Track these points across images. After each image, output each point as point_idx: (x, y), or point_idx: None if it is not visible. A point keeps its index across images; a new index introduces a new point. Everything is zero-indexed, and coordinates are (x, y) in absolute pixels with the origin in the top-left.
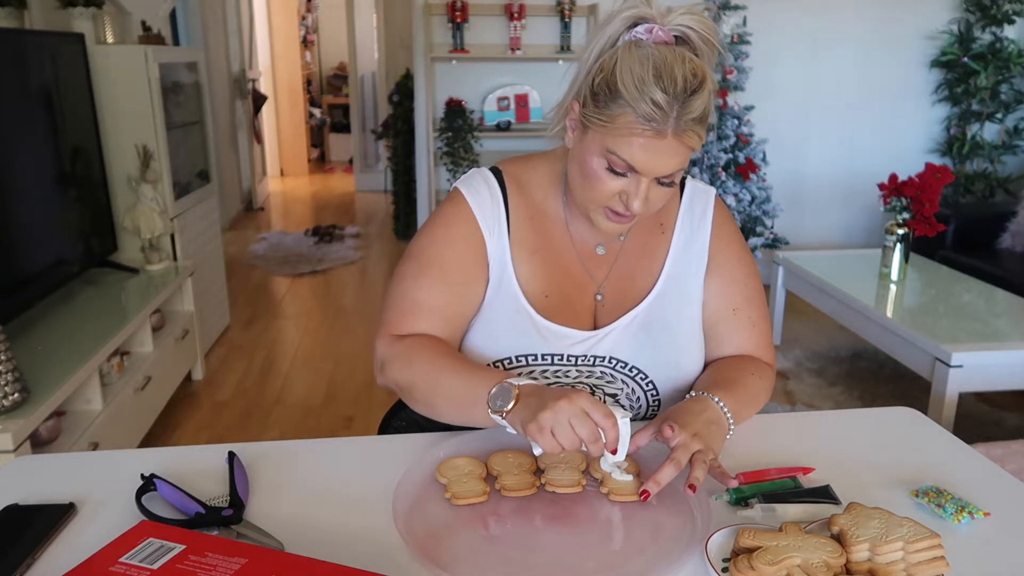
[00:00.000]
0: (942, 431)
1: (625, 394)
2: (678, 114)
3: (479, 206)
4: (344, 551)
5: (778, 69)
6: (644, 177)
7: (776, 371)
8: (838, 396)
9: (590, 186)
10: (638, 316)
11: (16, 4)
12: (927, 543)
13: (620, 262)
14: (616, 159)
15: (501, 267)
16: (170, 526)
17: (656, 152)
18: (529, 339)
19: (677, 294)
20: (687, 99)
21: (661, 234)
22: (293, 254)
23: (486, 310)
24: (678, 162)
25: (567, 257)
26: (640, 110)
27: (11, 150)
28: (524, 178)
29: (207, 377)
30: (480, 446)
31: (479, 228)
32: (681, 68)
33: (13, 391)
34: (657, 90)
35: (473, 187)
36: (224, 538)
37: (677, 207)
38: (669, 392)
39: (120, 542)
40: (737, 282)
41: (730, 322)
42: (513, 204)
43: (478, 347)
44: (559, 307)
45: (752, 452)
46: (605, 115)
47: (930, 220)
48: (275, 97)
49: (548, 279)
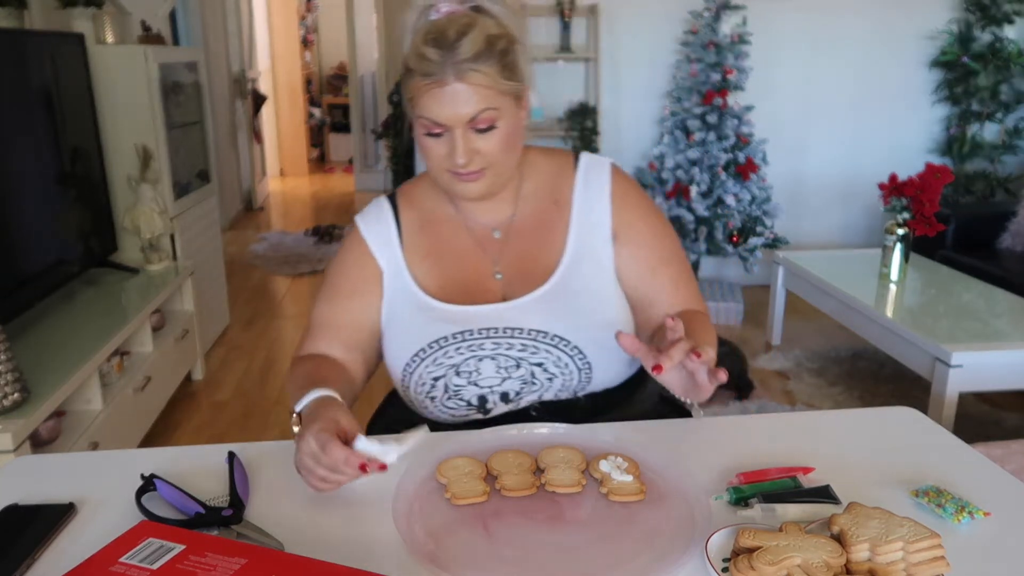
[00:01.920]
0: (942, 431)
1: (551, 362)
2: (451, 60)
3: (367, 229)
4: (344, 551)
5: (778, 69)
6: (455, 128)
7: (776, 372)
8: (838, 396)
9: (427, 159)
10: (548, 292)
11: (16, 4)
12: (927, 543)
13: (516, 241)
14: (424, 121)
15: (396, 274)
16: (170, 526)
17: (444, 100)
18: (436, 326)
19: (586, 264)
20: (455, 44)
21: (557, 211)
22: (293, 254)
23: (392, 316)
24: (475, 103)
25: (463, 248)
26: (421, 69)
27: (11, 150)
28: (414, 193)
29: (207, 377)
30: (480, 446)
31: (368, 248)
32: (452, 25)
33: (13, 391)
34: (426, 47)
35: (365, 215)
36: (224, 538)
37: (572, 183)
38: (599, 354)
39: (120, 542)
40: (645, 245)
41: (651, 286)
42: (404, 218)
43: (394, 349)
44: (458, 294)
45: (752, 452)
46: (407, 89)
47: (930, 220)
48: (275, 97)
49: (443, 272)
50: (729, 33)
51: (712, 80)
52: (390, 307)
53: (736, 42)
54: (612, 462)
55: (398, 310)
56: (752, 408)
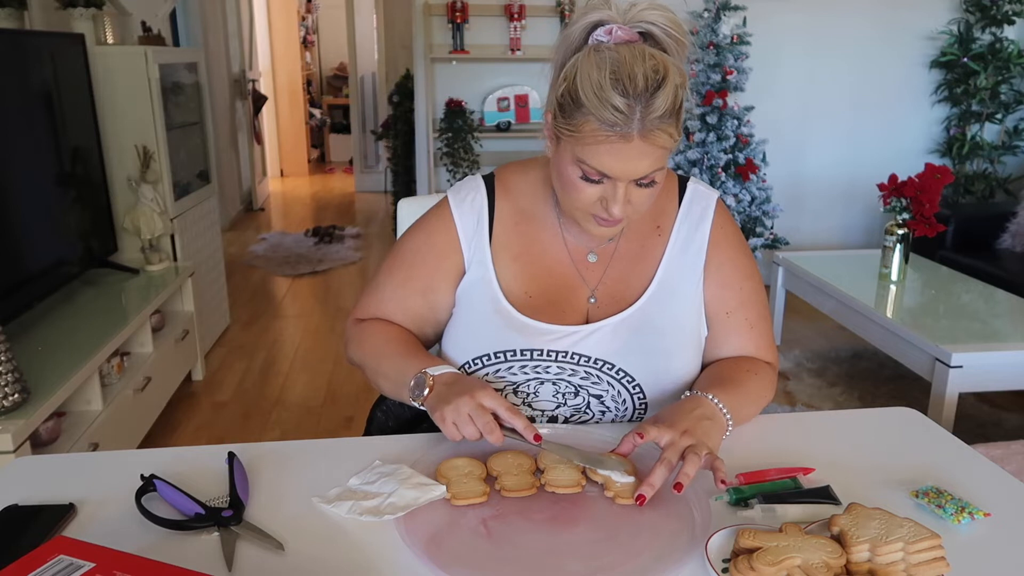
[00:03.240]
0: (942, 431)
1: (611, 396)
2: (641, 115)
3: (461, 215)
4: (344, 551)
5: (778, 69)
6: (619, 182)
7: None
8: (838, 396)
9: (570, 196)
10: (628, 319)
11: (16, 5)
12: (927, 543)
13: (614, 265)
14: (587, 167)
15: (480, 270)
16: (86, 543)
17: (624, 156)
18: (508, 336)
19: (670, 298)
20: (649, 99)
21: (658, 237)
22: (293, 254)
23: (463, 312)
24: (650, 163)
25: (556, 260)
26: (602, 117)
27: (11, 151)
28: (515, 184)
29: (207, 377)
30: (480, 446)
31: (457, 237)
32: (641, 67)
33: (13, 391)
34: (615, 94)
35: (460, 196)
36: (140, 557)
37: (676, 210)
38: (657, 397)
39: (31, 558)
40: (731, 286)
41: (724, 325)
42: (499, 210)
43: (457, 344)
44: (543, 307)
45: (752, 452)
46: (572, 125)
47: (930, 220)
48: (275, 98)
49: (531, 281)
50: (729, 34)
51: (712, 81)
52: (466, 296)
53: (736, 43)
54: (610, 464)
55: (475, 303)
56: None
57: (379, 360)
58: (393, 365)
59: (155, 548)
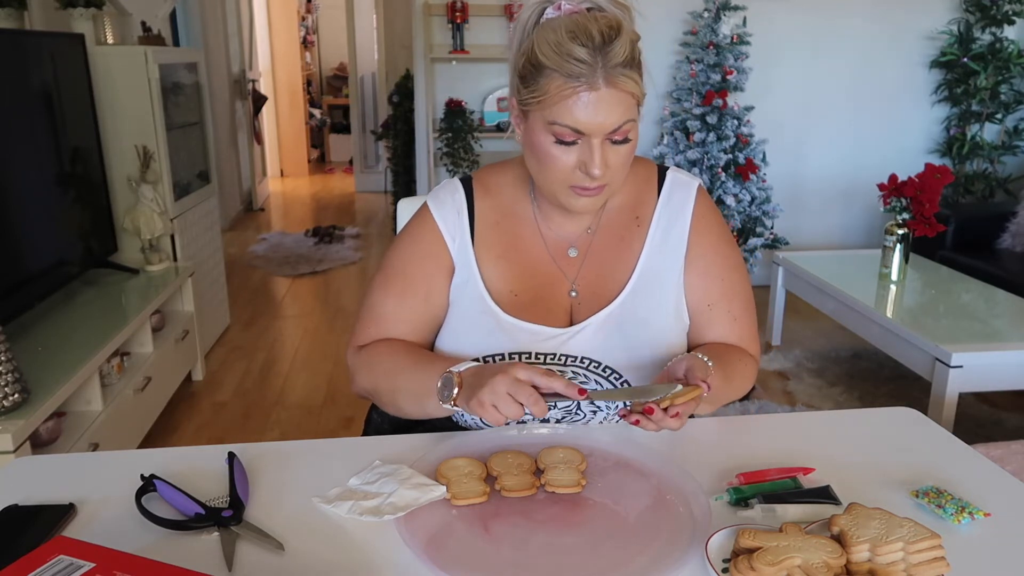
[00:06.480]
0: (942, 431)
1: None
2: (603, 63)
3: (443, 218)
4: (344, 551)
5: (778, 69)
6: (594, 138)
7: (776, 372)
8: (838, 396)
9: (547, 168)
10: (611, 315)
11: (16, 5)
12: (927, 543)
13: (594, 259)
14: (559, 128)
15: (466, 272)
16: (86, 543)
17: (594, 107)
18: (495, 339)
19: (652, 289)
20: (607, 47)
21: (637, 227)
22: (293, 255)
23: (452, 315)
24: (620, 112)
25: (537, 256)
26: (566, 71)
27: (11, 151)
28: (493, 183)
29: (207, 377)
30: (480, 446)
31: (443, 239)
32: (595, 24)
33: (13, 392)
34: (575, 46)
35: (439, 200)
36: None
37: (655, 199)
38: None
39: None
40: (713, 276)
41: (706, 317)
42: (479, 210)
43: (446, 350)
44: (529, 305)
45: (752, 452)
46: (537, 90)
47: (930, 220)
48: (275, 98)
49: (516, 279)
50: (729, 34)
51: (712, 81)
52: (455, 299)
53: (736, 43)
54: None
55: (463, 307)
56: (752, 408)
57: (394, 378)
58: (412, 377)
59: (155, 548)
